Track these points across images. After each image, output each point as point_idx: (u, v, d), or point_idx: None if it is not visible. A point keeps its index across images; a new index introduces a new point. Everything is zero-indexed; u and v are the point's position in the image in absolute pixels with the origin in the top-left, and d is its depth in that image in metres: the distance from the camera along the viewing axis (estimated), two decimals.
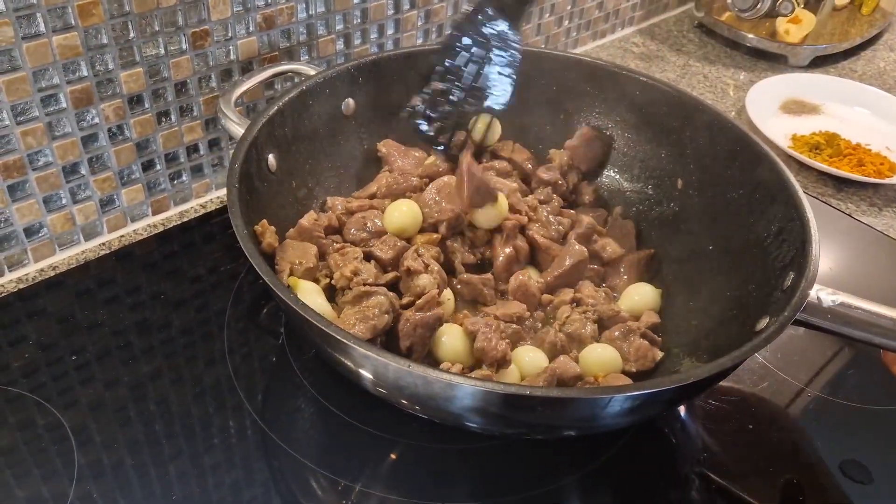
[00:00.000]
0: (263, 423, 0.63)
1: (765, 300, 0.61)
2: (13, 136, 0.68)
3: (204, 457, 0.60)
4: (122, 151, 0.76)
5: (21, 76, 0.65)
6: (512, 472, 0.61)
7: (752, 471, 0.63)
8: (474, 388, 0.48)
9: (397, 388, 0.53)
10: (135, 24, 0.70)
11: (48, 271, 0.75)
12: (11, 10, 0.62)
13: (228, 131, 0.71)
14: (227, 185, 0.60)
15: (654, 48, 1.26)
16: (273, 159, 0.70)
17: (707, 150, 0.75)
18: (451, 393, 0.50)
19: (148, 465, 0.59)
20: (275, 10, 0.79)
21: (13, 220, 0.71)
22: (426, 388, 0.50)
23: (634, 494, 0.61)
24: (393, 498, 0.58)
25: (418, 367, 0.48)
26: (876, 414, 0.68)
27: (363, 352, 0.50)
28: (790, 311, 0.53)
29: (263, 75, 0.77)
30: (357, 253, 0.68)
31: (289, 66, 0.80)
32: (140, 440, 0.61)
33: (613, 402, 0.50)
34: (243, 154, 0.64)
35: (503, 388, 0.50)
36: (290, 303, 0.52)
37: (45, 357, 0.66)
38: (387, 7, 0.90)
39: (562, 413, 0.53)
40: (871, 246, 0.87)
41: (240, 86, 0.75)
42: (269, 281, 0.53)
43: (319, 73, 0.75)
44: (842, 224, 0.90)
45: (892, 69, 1.25)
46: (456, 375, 0.49)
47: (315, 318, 0.51)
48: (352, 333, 0.53)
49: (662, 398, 0.54)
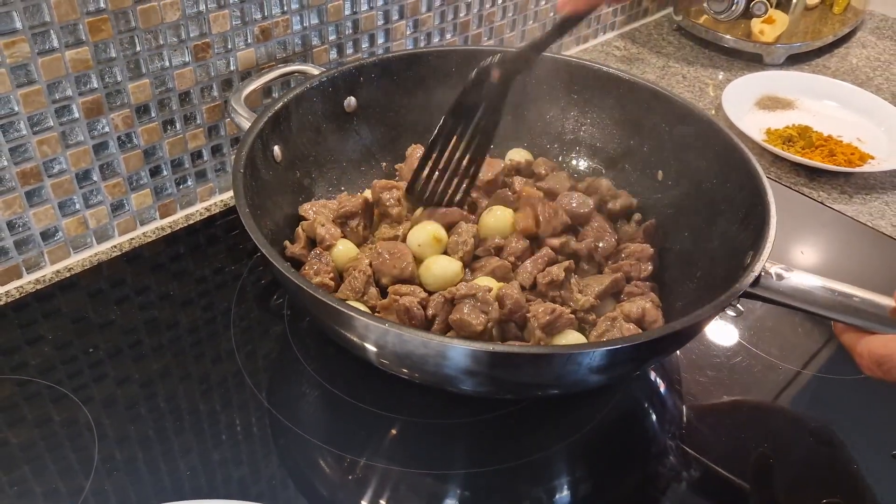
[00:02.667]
0: (273, 408, 0.67)
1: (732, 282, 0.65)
2: (30, 146, 0.72)
3: (220, 438, 0.64)
4: (130, 158, 0.80)
5: (36, 89, 0.70)
6: (503, 443, 0.65)
7: (725, 441, 0.66)
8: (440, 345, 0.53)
9: (396, 355, 0.57)
10: (141, 38, 0.74)
11: (63, 273, 0.79)
12: (27, 27, 0.67)
13: (238, 126, 0.76)
14: (233, 171, 0.65)
15: (635, 51, 1.31)
16: (279, 150, 0.75)
17: (684, 143, 0.80)
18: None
19: (170, 449, 0.63)
20: (271, 22, 0.84)
21: (31, 224, 0.76)
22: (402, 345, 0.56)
23: (615, 460, 0.65)
24: (395, 469, 0.62)
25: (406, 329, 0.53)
26: (842, 383, 0.72)
27: (365, 321, 0.54)
28: (739, 283, 0.57)
29: (272, 75, 0.82)
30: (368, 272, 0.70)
31: (295, 67, 0.84)
32: (158, 428, 0.64)
33: (573, 359, 0.55)
34: (249, 143, 0.69)
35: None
36: (292, 278, 0.56)
37: (60, 355, 0.70)
38: (377, 18, 0.94)
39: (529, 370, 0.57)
40: (842, 231, 0.92)
41: (250, 84, 0.80)
42: (269, 256, 0.57)
43: (323, 73, 0.80)
44: (814, 212, 0.94)
45: (864, 65, 1.30)
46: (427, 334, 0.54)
47: (315, 291, 0.55)
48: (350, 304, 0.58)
49: (615, 359, 0.57)
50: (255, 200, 0.66)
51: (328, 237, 0.72)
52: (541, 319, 0.64)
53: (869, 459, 0.65)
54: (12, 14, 0.65)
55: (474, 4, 1.05)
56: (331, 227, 0.73)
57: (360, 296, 0.68)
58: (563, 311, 0.65)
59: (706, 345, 0.75)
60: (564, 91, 0.88)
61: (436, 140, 0.74)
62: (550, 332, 0.65)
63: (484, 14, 1.08)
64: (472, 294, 0.64)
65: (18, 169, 0.72)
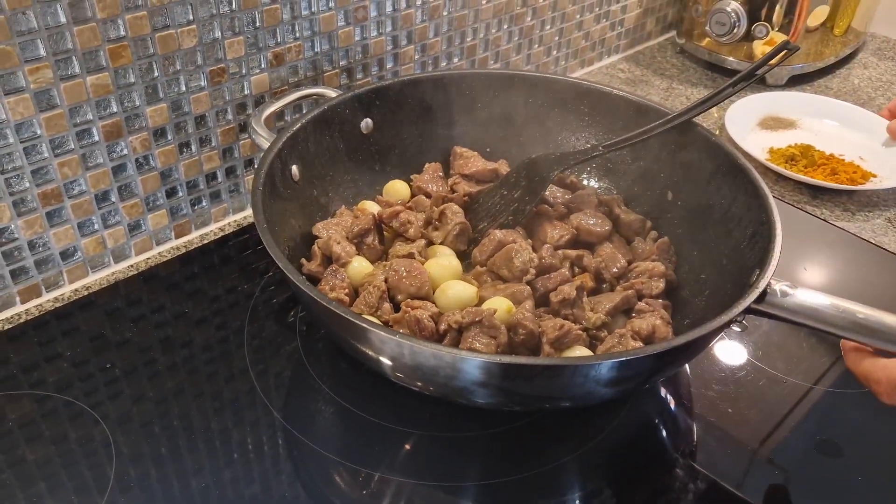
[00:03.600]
0: (287, 423, 0.68)
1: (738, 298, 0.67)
2: (51, 168, 0.74)
3: (235, 455, 0.65)
4: (147, 180, 0.82)
5: (58, 113, 0.72)
6: (514, 455, 0.66)
7: (732, 455, 0.68)
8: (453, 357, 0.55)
9: (411, 368, 0.59)
10: (159, 63, 0.77)
11: (82, 291, 0.81)
12: (51, 54, 0.69)
13: (258, 146, 0.78)
14: (252, 189, 0.67)
15: (639, 73, 1.33)
16: (297, 170, 0.77)
17: (692, 164, 0.82)
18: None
19: (184, 466, 0.64)
20: (284, 48, 0.86)
21: (51, 244, 0.77)
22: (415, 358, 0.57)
23: (626, 472, 0.66)
24: (410, 482, 0.63)
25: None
26: (848, 398, 0.73)
27: (376, 332, 0.56)
28: (743, 300, 0.58)
29: (291, 97, 0.85)
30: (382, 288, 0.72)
31: (314, 90, 0.87)
32: (172, 445, 0.65)
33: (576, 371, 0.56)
34: (269, 162, 0.71)
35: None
36: (308, 292, 0.58)
37: (77, 372, 0.71)
38: (386, 43, 0.97)
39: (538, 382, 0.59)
40: (846, 248, 0.93)
41: (270, 106, 0.82)
42: (285, 270, 0.59)
43: (340, 96, 0.83)
44: (817, 229, 0.95)
45: (866, 85, 1.32)
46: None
47: (333, 306, 0.57)
48: (367, 318, 0.59)
49: (613, 373, 0.58)
50: (273, 218, 0.68)
51: (343, 255, 0.73)
52: (550, 335, 0.65)
53: (875, 474, 0.66)
54: (37, 42, 0.68)
55: (480, 29, 1.08)
56: (346, 245, 0.75)
57: (373, 310, 0.70)
58: (572, 327, 0.66)
59: (714, 360, 0.76)
60: (575, 112, 0.90)
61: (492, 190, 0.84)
62: (559, 348, 0.66)
63: (490, 38, 1.10)
64: (479, 320, 0.65)
65: (40, 190, 0.74)
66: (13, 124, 0.70)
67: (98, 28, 0.71)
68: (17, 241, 0.75)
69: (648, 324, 0.68)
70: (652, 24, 1.41)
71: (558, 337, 0.65)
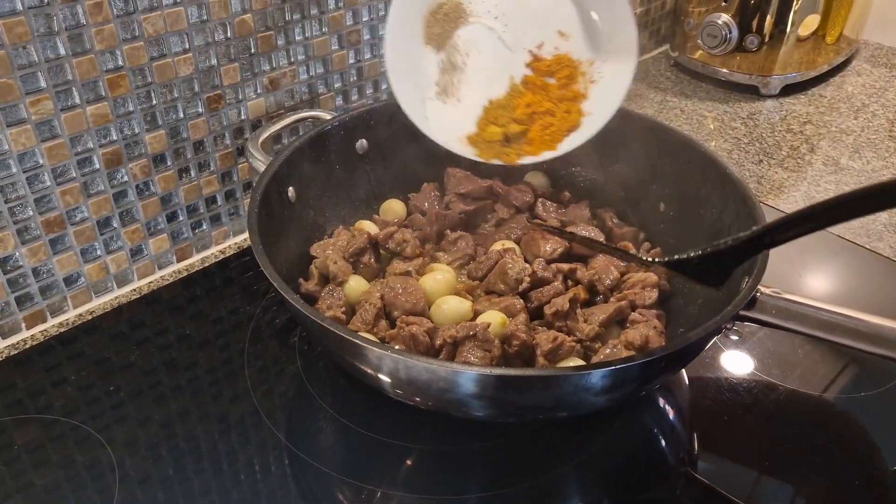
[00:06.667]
0: (290, 443, 0.68)
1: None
2: (53, 196, 0.75)
3: (240, 475, 0.65)
4: (148, 205, 0.84)
5: (60, 142, 0.74)
6: (515, 467, 0.66)
7: (730, 463, 0.68)
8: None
9: (407, 383, 0.60)
10: (157, 92, 0.78)
11: (86, 316, 0.82)
12: (51, 86, 0.71)
13: (255, 169, 0.79)
14: (249, 211, 0.68)
15: (633, 87, 1.33)
16: (293, 191, 0.79)
17: (683, 174, 0.82)
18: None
19: (190, 488, 0.65)
20: (279, 73, 0.88)
21: (55, 270, 0.79)
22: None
23: (622, 480, 0.67)
24: (412, 497, 0.64)
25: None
26: (847, 402, 0.73)
27: (371, 349, 0.57)
28: (732, 307, 0.59)
29: (287, 121, 0.86)
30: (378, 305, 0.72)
31: (309, 113, 0.88)
32: (178, 467, 0.66)
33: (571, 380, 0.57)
34: (265, 184, 0.72)
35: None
36: (306, 313, 0.59)
37: (83, 395, 0.72)
38: (379, 65, 0.98)
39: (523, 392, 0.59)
40: (841, 254, 0.93)
41: (266, 130, 0.84)
42: (282, 291, 0.61)
43: (335, 118, 0.84)
44: (812, 235, 0.95)
45: (859, 92, 1.33)
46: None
47: (328, 324, 0.58)
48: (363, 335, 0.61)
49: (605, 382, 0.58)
50: (269, 239, 0.69)
51: (340, 273, 0.75)
52: (544, 347, 0.66)
53: (873, 478, 0.66)
54: (37, 74, 0.69)
55: None
56: (342, 264, 0.76)
57: (370, 328, 0.71)
58: (566, 338, 0.67)
59: (712, 369, 0.77)
60: None
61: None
62: (554, 360, 0.67)
63: None
64: (473, 334, 0.66)
65: (43, 218, 0.76)
66: (16, 155, 0.71)
67: (97, 59, 0.73)
68: (21, 268, 0.76)
69: (641, 334, 0.69)
70: (646, 38, 1.43)
71: (552, 349, 0.66)
